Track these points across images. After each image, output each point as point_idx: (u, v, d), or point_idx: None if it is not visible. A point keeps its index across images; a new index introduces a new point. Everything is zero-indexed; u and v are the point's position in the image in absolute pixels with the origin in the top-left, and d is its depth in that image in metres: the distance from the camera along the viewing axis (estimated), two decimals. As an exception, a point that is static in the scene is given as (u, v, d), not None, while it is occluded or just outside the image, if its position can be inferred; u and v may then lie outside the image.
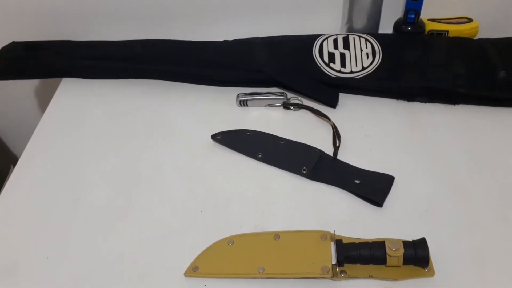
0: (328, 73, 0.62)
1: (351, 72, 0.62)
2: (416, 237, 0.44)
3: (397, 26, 0.67)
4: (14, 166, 0.58)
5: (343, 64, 0.62)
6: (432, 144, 0.56)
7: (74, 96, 0.67)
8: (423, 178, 0.52)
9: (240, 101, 0.62)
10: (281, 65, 0.63)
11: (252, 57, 0.65)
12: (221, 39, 0.69)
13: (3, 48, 0.68)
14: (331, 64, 0.62)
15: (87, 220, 0.51)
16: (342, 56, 0.63)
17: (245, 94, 0.62)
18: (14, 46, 0.68)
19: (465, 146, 0.56)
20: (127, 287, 0.45)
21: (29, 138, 0.61)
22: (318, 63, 0.63)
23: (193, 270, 0.45)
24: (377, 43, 0.64)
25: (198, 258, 0.46)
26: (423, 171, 0.53)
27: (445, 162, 0.54)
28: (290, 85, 0.62)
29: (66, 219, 0.51)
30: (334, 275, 0.43)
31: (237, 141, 0.58)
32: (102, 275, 0.46)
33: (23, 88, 0.83)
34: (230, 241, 0.47)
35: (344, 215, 0.50)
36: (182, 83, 0.67)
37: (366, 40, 0.65)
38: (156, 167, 0.56)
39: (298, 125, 0.60)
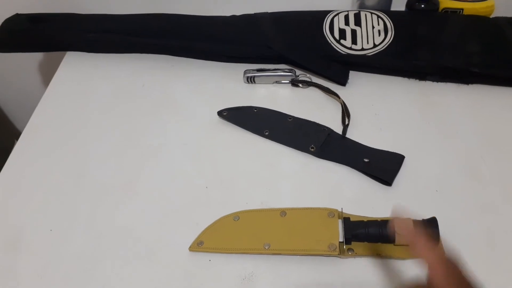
0: (338, 49, 0.60)
1: (362, 49, 0.60)
2: (425, 217, 0.43)
3: (411, 3, 0.65)
4: (17, 140, 0.57)
5: (354, 41, 0.61)
6: (444, 123, 0.55)
7: (78, 70, 0.66)
8: (434, 158, 0.51)
9: (248, 77, 0.61)
10: (290, 41, 0.62)
11: (260, 32, 0.63)
12: (228, 14, 0.67)
13: (6, 20, 0.66)
14: (342, 41, 0.61)
15: (91, 195, 0.50)
16: (353, 32, 0.61)
17: (253, 70, 0.61)
18: (17, 18, 0.67)
19: (477, 126, 0.54)
20: (131, 262, 0.44)
21: (32, 113, 0.60)
22: (328, 39, 0.61)
23: (198, 245, 0.44)
24: (390, 20, 0.62)
25: (203, 233, 0.45)
26: (434, 150, 0.52)
27: (456, 142, 0.53)
28: (299, 61, 0.60)
29: (70, 193, 0.50)
30: (341, 253, 0.42)
31: (244, 117, 0.57)
32: (106, 250, 0.45)
33: (26, 62, 0.82)
34: (236, 217, 0.46)
35: (353, 194, 0.49)
36: (188, 59, 0.65)
37: (378, 17, 0.63)
38: (161, 143, 0.55)
39: (306, 103, 0.59)
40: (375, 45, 0.60)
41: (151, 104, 0.60)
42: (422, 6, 0.64)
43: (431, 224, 0.42)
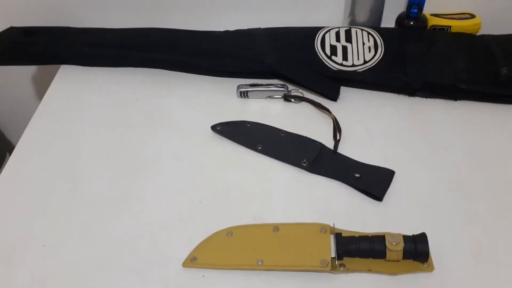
0: (329, 65, 0.61)
1: (353, 65, 0.61)
2: (415, 232, 0.44)
3: (400, 20, 0.67)
4: (10, 153, 0.57)
5: (345, 57, 0.62)
6: (433, 139, 0.56)
7: (72, 83, 0.66)
8: (423, 173, 0.52)
9: (241, 92, 0.61)
10: (282, 57, 0.63)
11: (253, 48, 0.64)
12: (222, 30, 0.68)
13: (0, 33, 0.66)
14: (333, 57, 0.62)
15: (84, 209, 0.50)
16: (344, 49, 0.63)
17: (246, 85, 0.62)
18: (12, 32, 0.67)
19: (466, 142, 0.56)
20: (124, 277, 0.44)
21: (25, 126, 0.60)
22: (319, 55, 0.62)
23: (192, 261, 0.44)
24: (379, 37, 0.64)
25: (196, 248, 0.45)
26: (423, 166, 0.53)
27: (445, 158, 0.54)
28: (291, 77, 0.61)
29: (63, 208, 0.51)
30: (333, 268, 0.43)
31: (237, 132, 0.58)
32: (99, 264, 0.45)
33: (20, 75, 0.82)
34: (229, 232, 0.47)
35: (344, 209, 0.49)
36: (182, 73, 0.66)
37: (369, 33, 0.64)
38: (154, 157, 0.55)
39: (298, 118, 0.60)
40: (365, 62, 0.61)
41: (145, 118, 0.60)
42: (411, 23, 0.66)
43: (421, 240, 0.43)
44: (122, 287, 0.44)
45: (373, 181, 0.51)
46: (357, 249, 0.43)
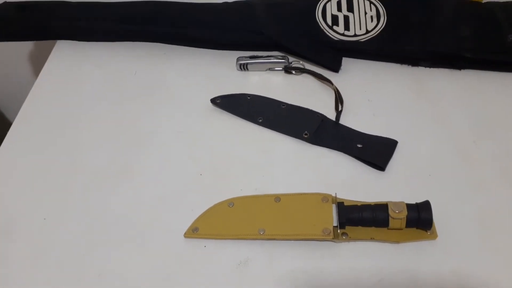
0: (331, 36, 0.60)
1: (355, 35, 0.60)
2: (418, 201, 0.44)
3: (403, -12, 0.65)
4: (8, 130, 0.56)
5: (346, 27, 0.60)
6: (436, 109, 0.55)
7: (69, 59, 0.65)
8: (426, 143, 0.52)
9: (240, 64, 0.60)
10: (283, 27, 0.61)
11: (252, 18, 0.62)
12: (220, 1, 0.66)
13: (-7, 8, 0.65)
14: (335, 27, 0.60)
15: (84, 183, 0.50)
16: (346, 18, 0.61)
17: (245, 57, 0.61)
18: (5, 7, 0.65)
19: (469, 111, 0.55)
20: (126, 249, 0.44)
21: (23, 102, 0.59)
22: (321, 25, 0.61)
23: (193, 231, 0.44)
24: (382, 6, 0.62)
25: (198, 219, 0.45)
26: (427, 135, 0.52)
27: (448, 127, 0.53)
28: (292, 48, 0.60)
29: (63, 181, 0.50)
30: (335, 237, 0.43)
31: (237, 105, 0.57)
32: (100, 236, 0.45)
33: (16, 51, 0.80)
34: (231, 203, 0.46)
35: (346, 179, 0.49)
36: (180, 46, 0.64)
37: (371, 2, 0.63)
38: (154, 130, 0.55)
39: (299, 90, 0.58)
40: (367, 31, 0.60)
41: (144, 92, 0.59)
42: (415, -9, 0.64)
43: (424, 208, 0.42)
44: (123, 258, 0.44)
45: (375, 151, 0.50)
46: (360, 217, 0.43)
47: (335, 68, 0.59)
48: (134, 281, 0.42)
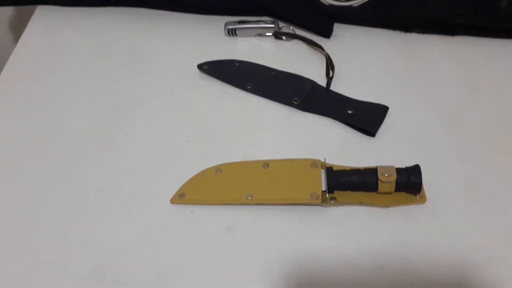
0: (322, 0, 0.58)
1: (347, 0, 0.58)
2: (409, 165, 0.43)
3: (397, -48, 0.63)
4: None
5: (338, -9, 0.58)
6: (428, 75, 0.54)
7: (49, 24, 0.62)
8: (418, 109, 0.51)
9: (229, 29, 0.58)
10: (273, -9, 0.59)
11: (241, -18, 0.60)
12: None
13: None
14: (326, -9, 0.58)
15: (68, 150, 0.48)
16: (338, -18, 0.59)
17: (234, 22, 0.59)
18: (-19, -32, 0.62)
19: (462, 78, 0.54)
20: (111, 216, 0.43)
21: (1, 70, 0.57)
22: (312, -11, 0.59)
23: (180, 197, 0.43)
24: (375, -30, 0.60)
25: (185, 185, 0.44)
26: (418, 101, 0.52)
27: (440, 93, 0.52)
28: (282, 13, 0.58)
29: (46, 148, 0.49)
30: (324, 201, 0.42)
31: (225, 71, 0.55)
32: (85, 203, 0.44)
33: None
34: (218, 169, 0.45)
35: (336, 145, 0.48)
36: (166, 12, 0.62)
37: (363, -34, 0.61)
38: (139, 97, 0.53)
39: (290, 56, 0.57)
40: (360, -4, 0.58)
41: (129, 59, 0.57)
42: (409, -45, 0.62)
43: (414, 172, 0.42)
44: (109, 225, 0.43)
45: (366, 117, 0.50)
46: (349, 182, 0.42)
47: (326, 34, 0.58)
48: (120, 247, 0.41)
